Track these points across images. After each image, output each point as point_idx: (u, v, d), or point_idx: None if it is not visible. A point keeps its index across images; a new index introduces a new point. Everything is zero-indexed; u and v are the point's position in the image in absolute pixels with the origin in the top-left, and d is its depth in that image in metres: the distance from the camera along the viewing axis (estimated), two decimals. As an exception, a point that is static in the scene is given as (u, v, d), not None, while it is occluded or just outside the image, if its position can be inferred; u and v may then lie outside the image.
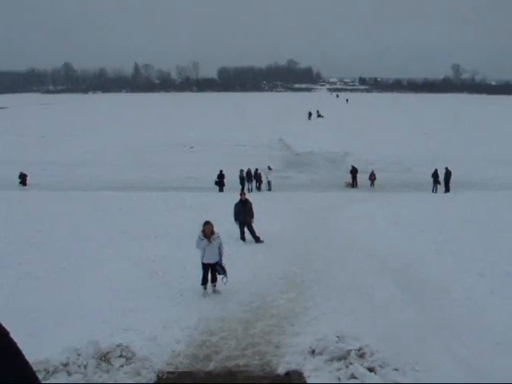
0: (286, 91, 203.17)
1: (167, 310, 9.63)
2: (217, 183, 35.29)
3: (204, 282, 11.01)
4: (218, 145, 52.64)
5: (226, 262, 11.27)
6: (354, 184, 38.53)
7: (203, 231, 10.98)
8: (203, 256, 10.98)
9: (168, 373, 7.09)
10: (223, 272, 11.08)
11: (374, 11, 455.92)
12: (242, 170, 36.72)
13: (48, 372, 6.61)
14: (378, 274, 12.34)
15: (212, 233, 11.00)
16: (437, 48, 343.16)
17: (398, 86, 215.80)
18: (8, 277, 11.88)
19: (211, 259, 10.99)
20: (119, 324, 8.36)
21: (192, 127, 65.38)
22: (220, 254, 11.11)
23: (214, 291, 11.15)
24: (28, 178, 38.59)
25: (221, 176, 35.52)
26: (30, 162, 43.34)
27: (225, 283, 11.03)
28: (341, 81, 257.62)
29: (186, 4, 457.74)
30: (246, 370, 7.22)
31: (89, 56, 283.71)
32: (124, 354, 7.15)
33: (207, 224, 11.06)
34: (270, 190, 36.87)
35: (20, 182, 38.10)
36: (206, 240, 10.88)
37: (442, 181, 35.14)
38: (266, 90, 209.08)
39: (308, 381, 6.66)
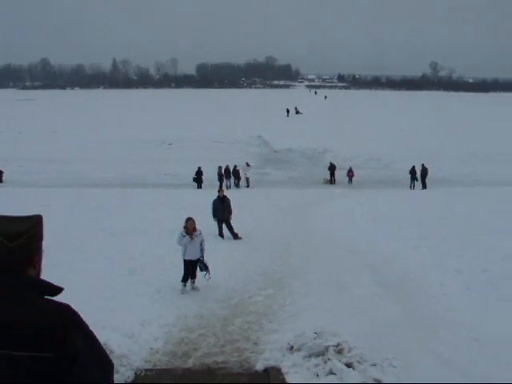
0: (264, 88, 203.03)
1: (145, 307, 9.53)
2: (195, 180, 35.23)
3: (185, 278, 10.96)
4: (196, 141, 52.31)
5: (207, 259, 11.24)
6: (332, 181, 38.80)
7: (185, 227, 10.95)
8: (185, 253, 10.94)
9: (146, 370, 7.03)
10: (205, 268, 11.04)
11: (352, 9, 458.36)
12: (220, 167, 36.71)
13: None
14: (356, 271, 12.40)
15: (194, 229, 10.97)
16: (415, 46, 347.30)
17: (376, 83, 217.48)
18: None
19: (193, 256, 10.95)
20: (97, 321, 8.22)
21: (170, 124, 64.91)
22: (202, 251, 11.09)
23: (193, 288, 11.10)
24: (4, 175, 38.12)
25: (199, 173, 35.51)
26: (7, 158, 42.65)
27: (207, 280, 11.00)
28: (319, 78, 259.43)
29: (164, 0, 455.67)
30: (225, 366, 7.20)
31: (66, 52, 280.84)
32: (102, 351, 7.07)
33: (189, 220, 11.03)
34: (248, 186, 36.95)
35: (-4, 179, 37.68)
36: (188, 237, 10.85)
37: (419, 177, 35.50)
38: (245, 87, 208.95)
39: (286, 377, 6.66)
